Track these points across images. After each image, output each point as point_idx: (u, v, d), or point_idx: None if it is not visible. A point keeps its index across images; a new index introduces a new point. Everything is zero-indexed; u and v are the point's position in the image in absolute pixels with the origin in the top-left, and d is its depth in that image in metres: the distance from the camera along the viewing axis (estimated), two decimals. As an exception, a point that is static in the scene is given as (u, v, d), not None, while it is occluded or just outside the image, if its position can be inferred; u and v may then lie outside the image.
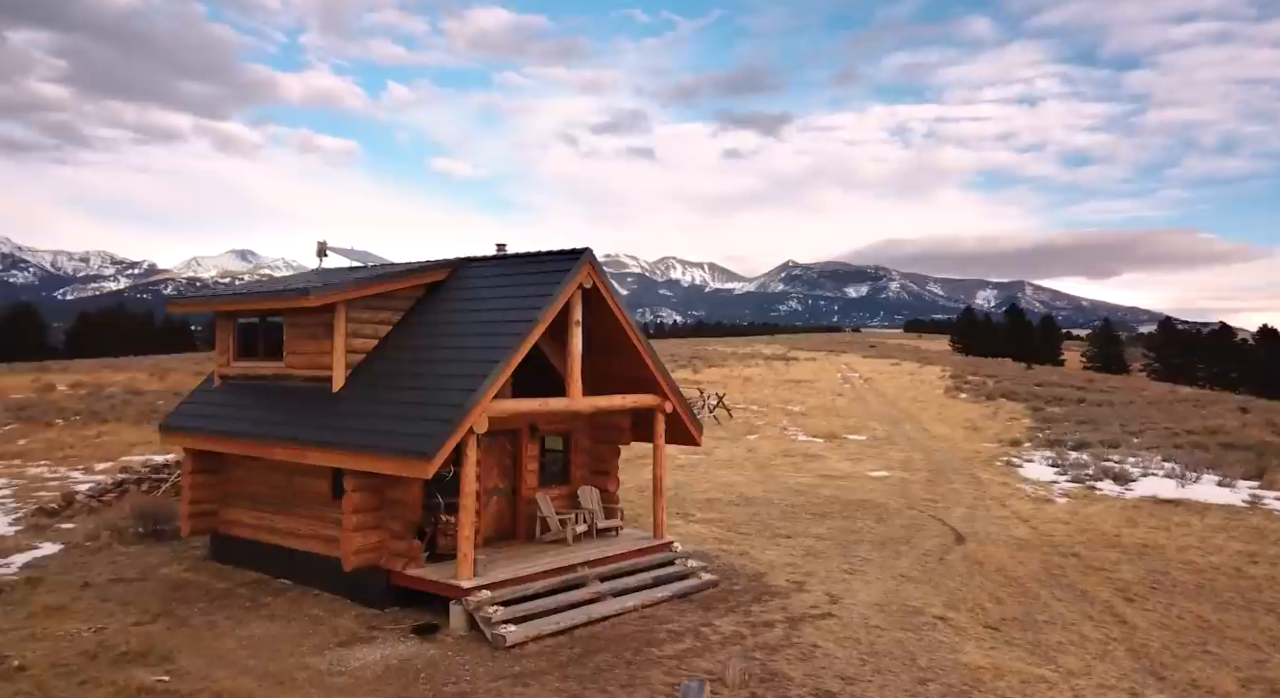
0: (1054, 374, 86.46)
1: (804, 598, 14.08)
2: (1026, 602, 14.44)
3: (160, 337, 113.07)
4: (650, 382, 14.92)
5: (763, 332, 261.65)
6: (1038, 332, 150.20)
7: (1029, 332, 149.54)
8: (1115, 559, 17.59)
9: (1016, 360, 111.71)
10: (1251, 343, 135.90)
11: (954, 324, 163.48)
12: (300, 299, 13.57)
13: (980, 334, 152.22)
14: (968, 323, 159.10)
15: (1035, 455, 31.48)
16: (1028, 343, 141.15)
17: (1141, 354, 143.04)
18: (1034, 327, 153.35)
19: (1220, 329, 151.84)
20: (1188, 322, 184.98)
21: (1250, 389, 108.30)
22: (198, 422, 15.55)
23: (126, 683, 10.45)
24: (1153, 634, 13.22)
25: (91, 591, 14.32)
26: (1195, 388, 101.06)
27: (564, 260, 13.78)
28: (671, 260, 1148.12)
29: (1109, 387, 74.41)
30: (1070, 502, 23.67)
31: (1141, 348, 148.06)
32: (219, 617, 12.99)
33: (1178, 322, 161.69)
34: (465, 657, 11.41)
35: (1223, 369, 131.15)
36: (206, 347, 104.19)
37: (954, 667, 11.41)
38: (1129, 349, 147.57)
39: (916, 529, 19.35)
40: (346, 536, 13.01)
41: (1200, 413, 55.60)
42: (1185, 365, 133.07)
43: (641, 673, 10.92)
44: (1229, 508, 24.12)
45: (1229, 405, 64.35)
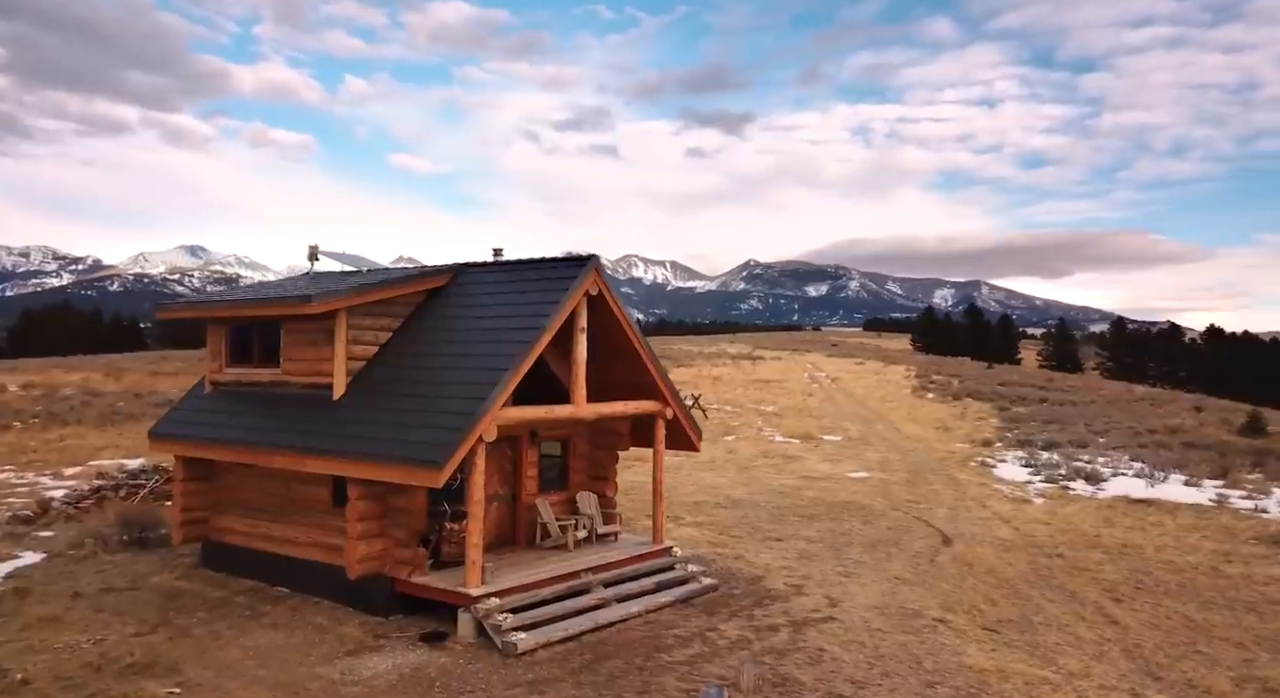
0: (1014, 374, 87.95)
1: (804, 602, 14.25)
2: (1020, 603, 14.75)
3: (109, 335, 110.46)
4: (651, 387, 15.00)
5: (725, 330, 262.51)
6: (996, 331, 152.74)
7: (988, 331, 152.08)
8: (1098, 560, 18.01)
9: (976, 360, 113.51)
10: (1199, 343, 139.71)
11: (914, 324, 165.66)
12: (302, 306, 13.44)
13: (940, 334, 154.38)
14: (928, 322, 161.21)
15: (1008, 456, 32.07)
16: (986, 342, 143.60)
17: (1095, 353, 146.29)
18: (992, 326, 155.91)
19: (1169, 329, 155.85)
20: (1138, 321, 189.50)
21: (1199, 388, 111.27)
22: (190, 429, 15.33)
23: (136, 696, 10.31)
24: (1144, 635, 13.58)
25: (83, 601, 14.06)
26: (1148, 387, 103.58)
27: (570, 267, 13.80)
28: (634, 258, 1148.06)
29: (1068, 386, 75.92)
30: (1047, 502, 24.17)
31: (1094, 347, 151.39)
32: (220, 626, 12.83)
33: (1128, 321, 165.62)
34: (477, 665, 11.40)
35: (1172, 368, 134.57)
36: (159, 345, 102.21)
37: (959, 669, 11.64)
38: (1082, 348, 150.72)
39: (903, 531, 19.64)
40: (351, 544, 12.93)
41: (1158, 412, 56.97)
42: (1137, 365, 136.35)
43: (655, 679, 11.00)
44: (1198, 508, 24.77)
45: (1183, 404, 66.01)
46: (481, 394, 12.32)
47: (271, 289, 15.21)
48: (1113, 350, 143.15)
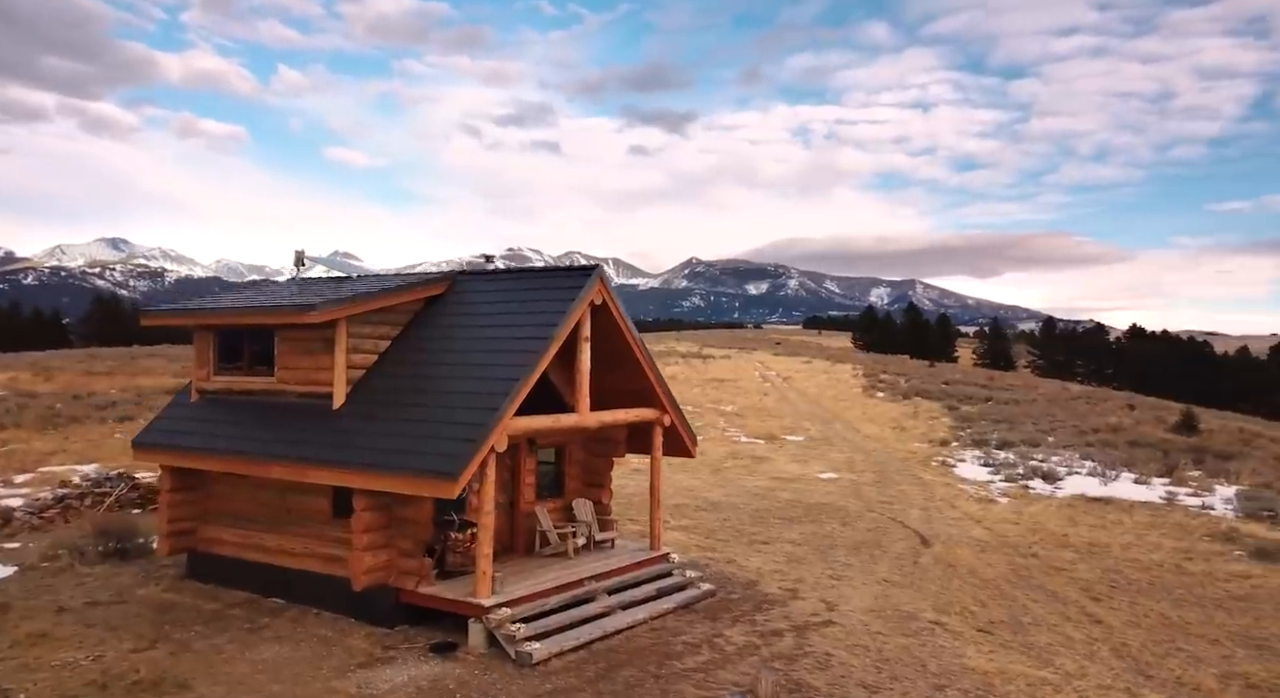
0: (956, 372, 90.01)
1: (802, 606, 14.51)
2: (1007, 604, 15.22)
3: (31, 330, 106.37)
4: (650, 395, 15.12)
5: (668, 328, 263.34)
6: (934, 330, 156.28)
7: (926, 330, 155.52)
8: (1071, 559, 18.65)
9: (915, 358, 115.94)
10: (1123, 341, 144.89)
11: (855, 322, 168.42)
12: (304, 315, 13.26)
13: (881, 332, 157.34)
14: (869, 321, 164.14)
15: (966, 455, 32.90)
16: (925, 341, 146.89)
17: (1026, 352, 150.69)
18: (930, 325, 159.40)
19: (1095, 328, 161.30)
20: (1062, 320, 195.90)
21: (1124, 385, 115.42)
22: (178, 438, 14.99)
23: (151, 716, 10.11)
24: (1128, 634, 14.14)
25: (70, 615, 13.67)
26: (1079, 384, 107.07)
27: (576, 277, 13.84)
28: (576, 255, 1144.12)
29: (1008, 385, 78.00)
30: (1011, 502, 24.89)
31: (1026, 345, 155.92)
32: (221, 640, 12.60)
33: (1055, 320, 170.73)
34: (493, 676, 11.40)
35: (1099, 366, 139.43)
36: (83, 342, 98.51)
37: (963, 672, 11.99)
38: (1014, 347, 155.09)
39: (882, 533, 20.07)
40: (357, 555, 12.80)
41: (1096, 411, 58.90)
42: (1066, 363, 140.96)
43: (673, 687, 11.14)
44: (1151, 506, 25.76)
45: (1117, 403, 68.34)
46: (493, 405, 12.31)
47: (268, 296, 14.93)
48: (1043, 349, 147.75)
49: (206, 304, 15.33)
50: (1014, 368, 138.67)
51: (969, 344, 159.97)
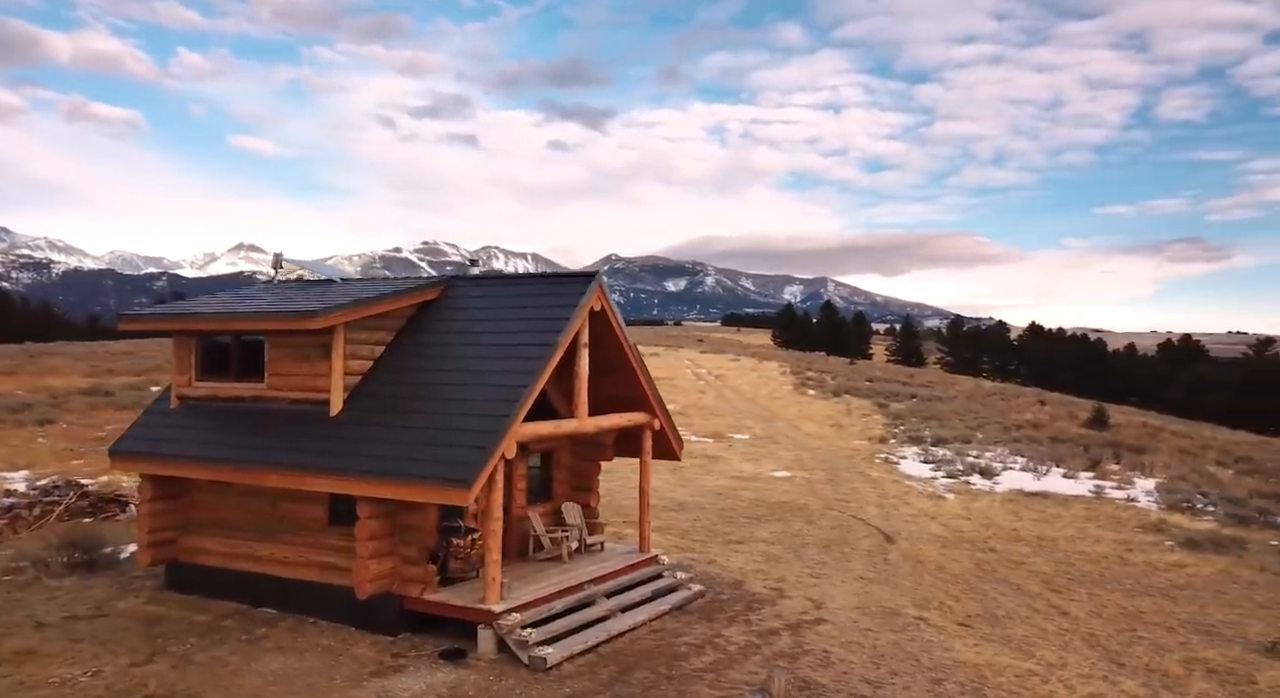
0: (876, 370, 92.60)
1: (790, 605, 14.99)
2: (979, 599, 16.00)
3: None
4: (641, 399, 15.39)
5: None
6: (850, 328, 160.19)
7: (842, 327, 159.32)
8: (1026, 553, 19.63)
9: (833, 355, 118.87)
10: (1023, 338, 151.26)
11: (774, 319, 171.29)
12: (304, 321, 13.12)
13: (799, 329, 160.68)
14: (788, 319, 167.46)
15: (906, 452, 34.06)
16: (841, 338, 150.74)
17: (936, 348, 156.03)
18: (846, 323, 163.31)
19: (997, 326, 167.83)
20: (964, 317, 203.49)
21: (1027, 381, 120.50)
22: (160, 446, 14.63)
23: (174, 733, 9.96)
24: (1093, 624, 15.04)
25: (52, 630, 13.24)
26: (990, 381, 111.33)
27: (577, 283, 14.02)
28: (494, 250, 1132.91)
29: (927, 382, 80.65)
30: (958, 498, 25.96)
31: (934, 342, 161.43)
32: (222, 653, 12.41)
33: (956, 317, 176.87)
34: (509, 682, 11.53)
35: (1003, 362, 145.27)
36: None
37: (955, 665, 12.62)
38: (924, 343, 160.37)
39: (847, 531, 20.76)
40: (361, 563, 12.74)
41: (1012, 407, 61.39)
42: (973, 359, 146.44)
43: (688, 688, 11.45)
44: (1083, 499, 27.19)
45: (1029, 398, 71.28)
46: (503, 412, 12.42)
47: (256, 302, 14.68)
48: (951, 346, 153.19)
49: (193, 308, 14.96)
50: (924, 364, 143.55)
51: (881, 341, 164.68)
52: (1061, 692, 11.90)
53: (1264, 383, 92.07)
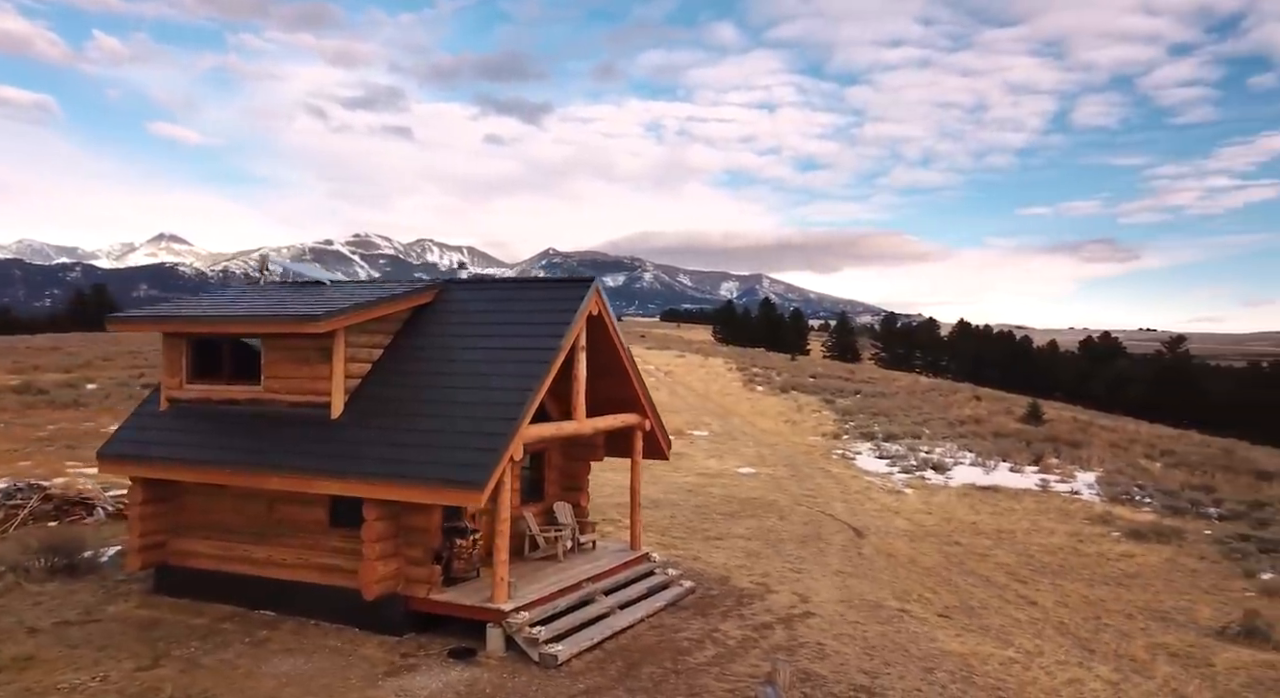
0: (817, 366, 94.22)
1: (778, 599, 15.52)
2: (954, 591, 16.76)
3: None
4: (633, 401, 15.77)
5: None
6: (789, 325, 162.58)
7: (781, 324, 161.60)
8: (988, 546, 20.53)
9: (773, 350, 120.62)
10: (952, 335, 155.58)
11: (714, 315, 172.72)
12: (308, 325, 13.16)
13: (739, 326, 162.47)
14: (728, 315, 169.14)
15: (861, 448, 35.02)
16: (779, 334, 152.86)
17: (870, 344, 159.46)
18: (785, 319, 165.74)
19: (928, 323, 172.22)
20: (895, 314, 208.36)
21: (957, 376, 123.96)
22: (153, 449, 14.50)
23: (199, 736, 10.03)
24: (1061, 613, 15.90)
25: (45, 636, 13.08)
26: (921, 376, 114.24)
27: (575, 288, 14.32)
28: (428, 243, 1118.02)
29: (868, 378, 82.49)
30: (916, 493, 26.89)
31: (869, 338, 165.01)
32: (228, 655, 12.42)
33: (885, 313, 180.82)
34: (521, 678, 11.80)
35: (935, 358, 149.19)
36: None
37: (942, 655, 13.29)
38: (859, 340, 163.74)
39: (819, 526, 21.42)
40: (369, 564, 12.87)
41: (951, 402, 63.23)
42: (906, 355, 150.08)
43: (697, 682, 11.87)
44: (1031, 493, 28.41)
45: (965, 394, 73.45)
46: (511, 414, 12.67)
47: (252, 303, 14.63)
48: (885, 342, 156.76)
49: (187, 310, 14.84)
50: (859, 359, 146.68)
51: (816, 337, 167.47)
52: (1043, 678, 12.63)
53: (1175, 379, 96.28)
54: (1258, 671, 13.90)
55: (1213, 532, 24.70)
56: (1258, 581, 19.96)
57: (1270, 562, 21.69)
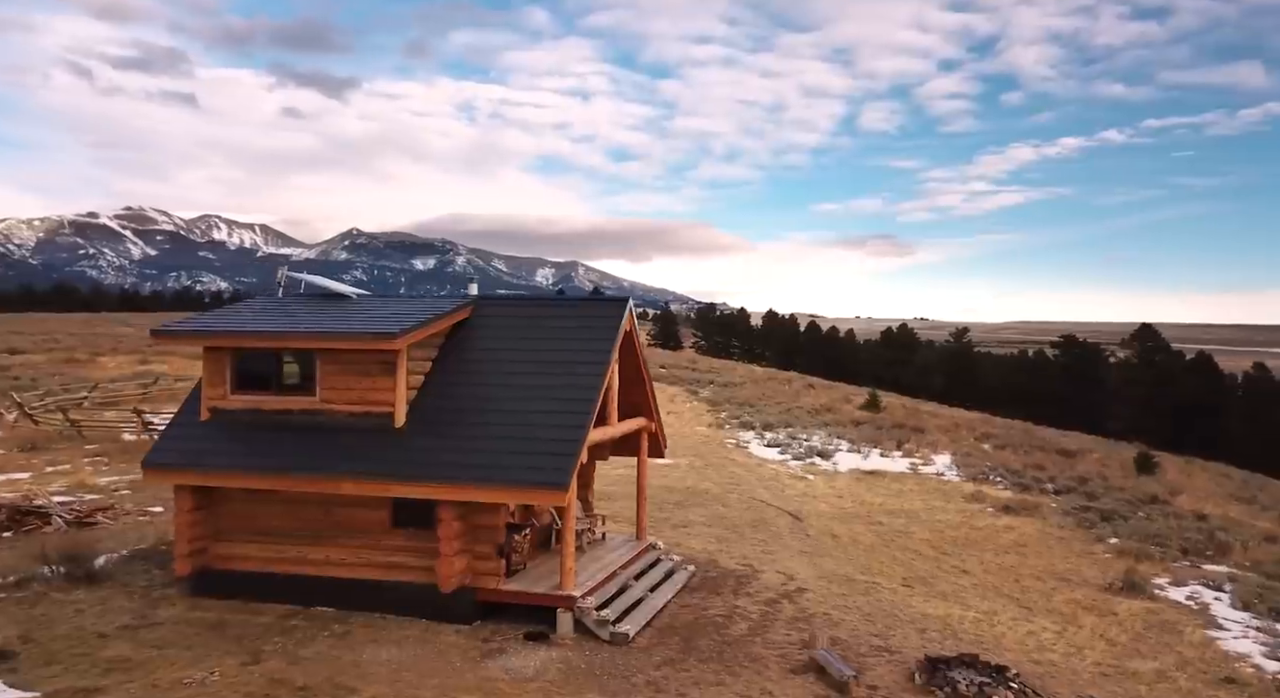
0: (656, 354, 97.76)
1: (771, 578, 17.80)
2: (903, 564, 19.66)
3: None
4: (645, 406, 17.59)
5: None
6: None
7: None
8: (904, 524, 23.74)
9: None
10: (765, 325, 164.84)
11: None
12: (385, 341, 14.19)
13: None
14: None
15: (748, 438, 38.06)
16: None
17: (691, 333, 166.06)
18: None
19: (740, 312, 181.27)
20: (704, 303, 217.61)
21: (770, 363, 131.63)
22: (205, 458, 14.96)
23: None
24: (991, 578, 19.11)
25: (120, 640, 13.43)
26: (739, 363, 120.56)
27: (614, 306, 16.02)
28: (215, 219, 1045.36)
29: (710, 368, 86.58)
30: (818, 478, 30.03)
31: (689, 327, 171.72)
32: (320, 648, 13.31)
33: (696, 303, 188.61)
34: (603, 655, 13.46)
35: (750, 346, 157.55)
36: None
37: (925, 618, 16.02)
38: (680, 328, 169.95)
39: (758, 511, 23.94)
40: (446, 560, 14.11)
41: (791, 391, 67.96)
42: (724, 343, 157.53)
43: (747, 650, 13.95)
44: (908, 475, 32.25)
45: (799, 383, 78.79)
46: (579, 422, 14.26)
47: (323, 320, 15.29)
48: (704, 331, 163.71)
49: (242, 325, 15.31)
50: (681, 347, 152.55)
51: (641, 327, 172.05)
52: (1008, 633, 15.61)
53: (961, 366, 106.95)
54: (1148, 616, 17.56)
55: (1057, 505, 29.21)
56: (1109, 544, 24.21)
57: (1112, 528, 26.19)
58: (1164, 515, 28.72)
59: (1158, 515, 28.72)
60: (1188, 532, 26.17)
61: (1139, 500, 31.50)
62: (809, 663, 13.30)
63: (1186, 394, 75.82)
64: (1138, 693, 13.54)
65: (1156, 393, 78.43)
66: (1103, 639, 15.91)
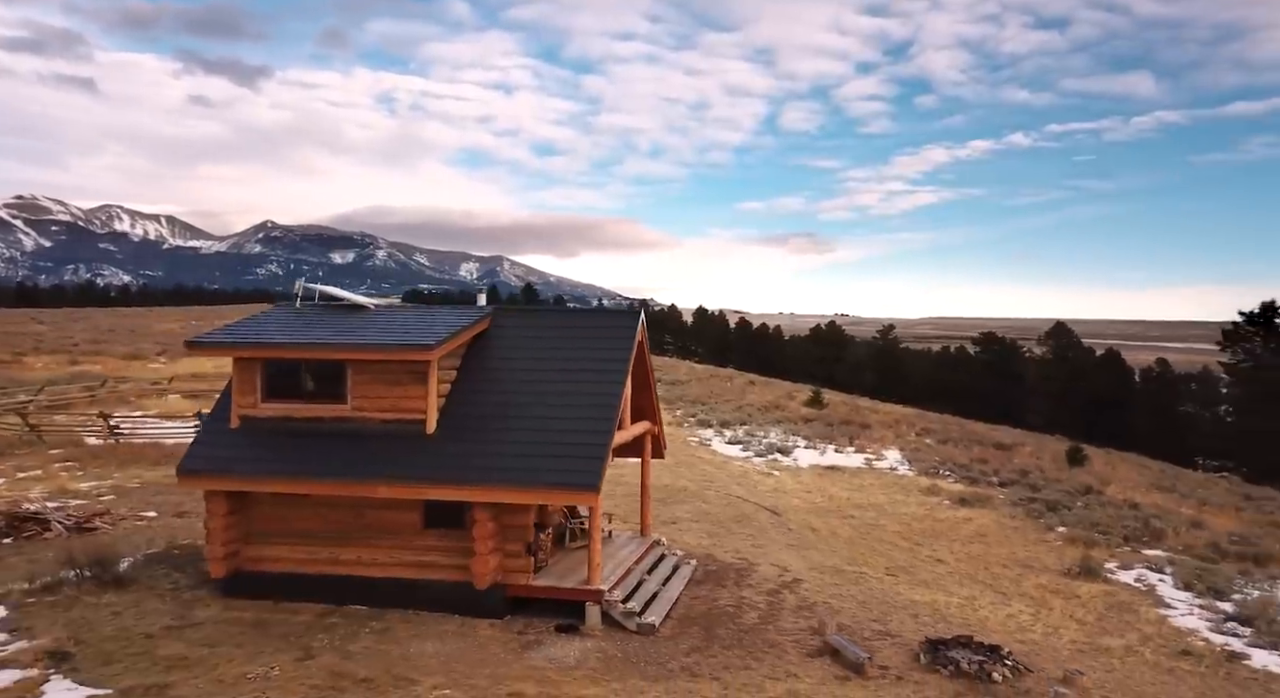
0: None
1: (767, 571, 18.99)
2: (881, 555, 21.05)
3: None
4: (651, 411, 18.60)
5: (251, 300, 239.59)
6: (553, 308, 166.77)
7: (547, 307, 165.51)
8: (874, 517, 25.22)
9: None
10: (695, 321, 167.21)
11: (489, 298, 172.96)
12: (423, 352, 14.92)
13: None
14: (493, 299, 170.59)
15: (708, 435, 39.33)
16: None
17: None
18: (551, 304, 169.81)
19: (671, 308, 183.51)
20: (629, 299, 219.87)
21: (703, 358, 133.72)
22: (238, 464, 15.46)
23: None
24: (963, 567, 20.62)
25: (169, 640, 13.88)
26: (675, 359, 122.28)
27: (629, 317, 17.00)
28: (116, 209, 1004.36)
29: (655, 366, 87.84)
30: (783, 474, 31.41)
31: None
32: (367, 643, 14.00)
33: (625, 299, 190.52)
34: (634, 644, 14.46)
35: (683, 343, 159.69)
36: None
37: (913, 604, 17.38)
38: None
39: (738, 507, 25.15)
40: (481, 558, 14.93)
41: (736, 388, 69.64)
42: (658, 340, 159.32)
43: (764, 636, 15.10)
44: (866, 471, 33.87)
45: (741, 381, 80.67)
46: (604, 427, 15.21)
47: (362, 332, 15.88)
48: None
49: (292, 337, 15.73)
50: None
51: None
52: (990, 616, 17.08)
53: (889, 363, 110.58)
54: (1107, 598, 19.27)
55: (1005, 497, 31.12)
56: (1058, 533, 26.06)
57: (1058, 518, 28.13)
58: (1101, 505, 30.84)
59: (1095, 505, 30.82)
60: (1125, 520, 28.26)
61: (1076, 491, 33.68)
62: (823, 647, 14.49)
63: (1097, 389, 79.69)
64: (1112, 666, 15.07)
65: (1070, 389, 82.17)
66: (1073, 620, 17.51)
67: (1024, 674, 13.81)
